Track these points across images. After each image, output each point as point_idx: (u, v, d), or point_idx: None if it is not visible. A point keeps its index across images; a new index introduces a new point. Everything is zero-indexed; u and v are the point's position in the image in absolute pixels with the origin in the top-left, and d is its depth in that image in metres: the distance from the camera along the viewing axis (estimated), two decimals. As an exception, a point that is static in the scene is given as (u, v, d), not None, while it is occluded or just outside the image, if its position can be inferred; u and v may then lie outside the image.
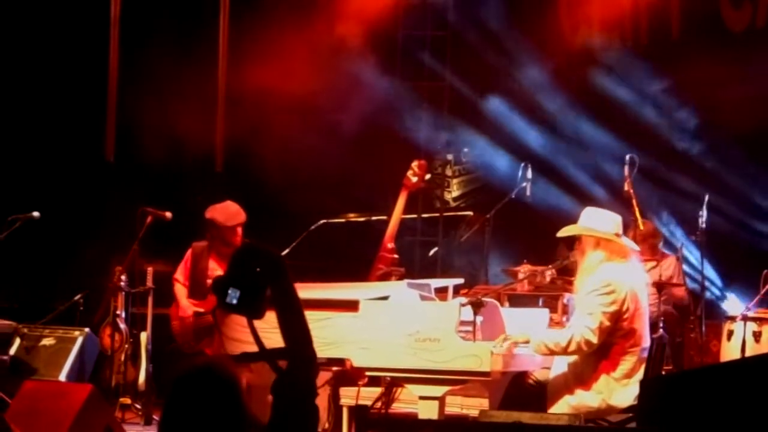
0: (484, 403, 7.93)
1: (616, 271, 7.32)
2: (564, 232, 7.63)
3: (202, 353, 9.43)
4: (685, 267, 10.63)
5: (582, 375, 7.25)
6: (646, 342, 7.31)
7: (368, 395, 8.26)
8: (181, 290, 9.90)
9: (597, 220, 7.47)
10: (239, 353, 4.38)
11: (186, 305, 9.82)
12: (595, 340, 7.16)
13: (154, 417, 9.80)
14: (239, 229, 9.70)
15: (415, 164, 9.24)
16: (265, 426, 3.66)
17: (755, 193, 11.58)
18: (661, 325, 9.60)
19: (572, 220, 7.74)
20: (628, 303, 7.22)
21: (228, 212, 9.76)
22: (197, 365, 3.63)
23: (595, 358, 7.24)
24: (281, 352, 3.75)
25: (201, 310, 9.70)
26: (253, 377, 6.39)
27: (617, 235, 7.44)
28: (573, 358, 7.30)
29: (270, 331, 3.82)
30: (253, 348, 3.84)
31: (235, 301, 3.80)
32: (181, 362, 3.76)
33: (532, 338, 7.31)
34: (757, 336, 9.66)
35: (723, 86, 11.30)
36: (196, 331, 9.68)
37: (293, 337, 3.74)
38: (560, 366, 7.41)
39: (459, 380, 7.14)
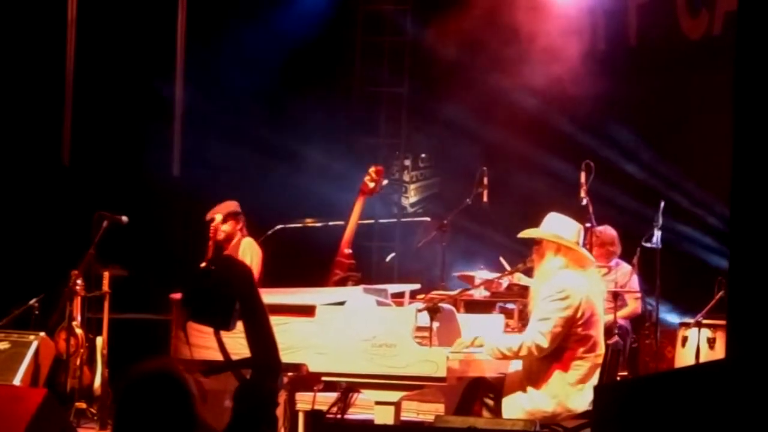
0: (439, 408, 7.95)
1: (572, 278, 7.33)
2: (526, 234, 7.63)
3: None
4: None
5: (536, 374, 7.27)
6: (601, 349, 7.34)
7: (324, 400, 8.26)
8: None
9: (560, 227, 7.47)
10: (206, 363, 4.38)
11: None
12: (546, 345, 7.18)
13: (110, 422, 9.75)
14: (214, 224, 9.81)
15: (372, 170, 9.21)
16: None
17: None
18: (616, 331, 9.64)
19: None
20: (583, 309, 7.24)
21: (215, 207, 9.94)
22: (148, 370, 3.62)
23: (549, 360, 7.26)
24: (247, 362, 3.75)
25: None
26: (209, 382, 6.38)
27: (577, 243, 7.47)
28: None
29: (234, 337, 3.82)
30: (217, 354, 3.85)
31: (205, 313, 3.81)
32: (132, 367, 3.72)
33: (486, 342, 7.33)
34: (711, 342, 9.73)
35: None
36: None
37: (260, 348, 3.76)
38: (516, 364, 7.46)
39: (415, 385, 7.15)
